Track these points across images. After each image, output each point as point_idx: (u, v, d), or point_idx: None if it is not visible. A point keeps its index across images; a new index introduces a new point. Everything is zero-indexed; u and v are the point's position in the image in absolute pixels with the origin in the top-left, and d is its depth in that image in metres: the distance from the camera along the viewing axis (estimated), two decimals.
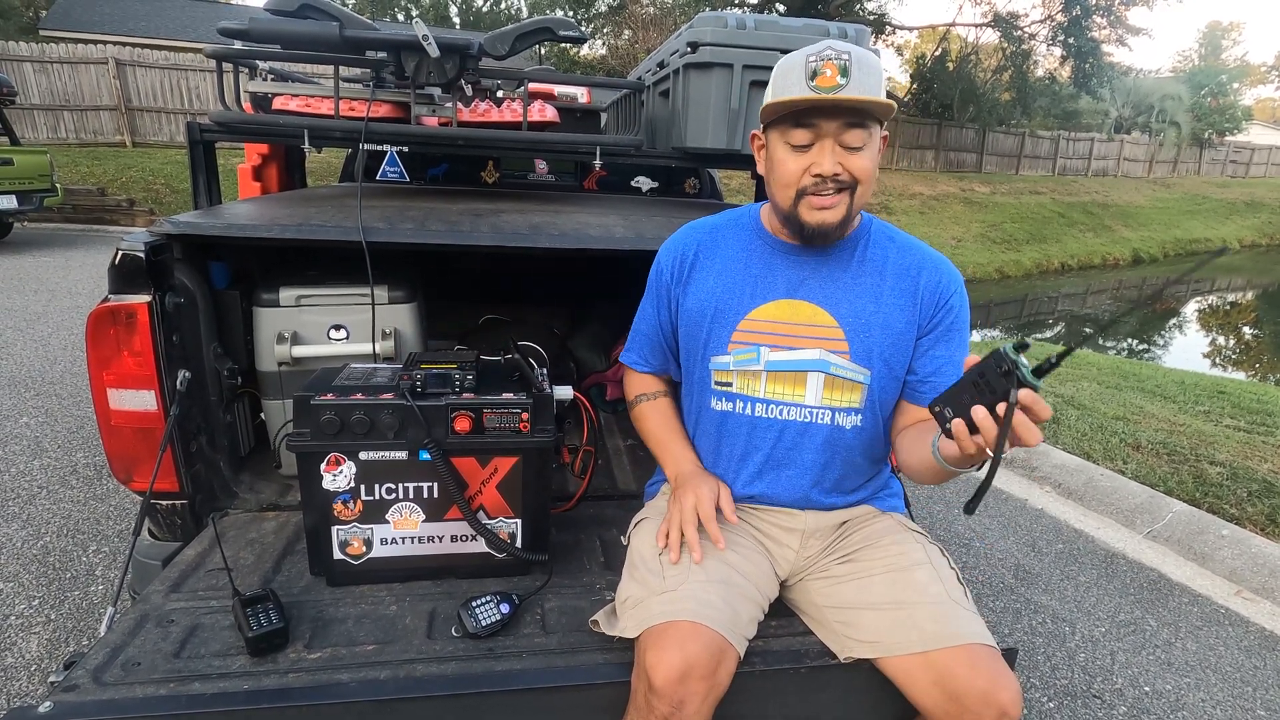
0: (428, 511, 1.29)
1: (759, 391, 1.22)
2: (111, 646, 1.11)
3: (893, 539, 1.20)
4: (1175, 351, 10.60)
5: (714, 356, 1.24)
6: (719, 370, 1.24)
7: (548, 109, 1.97)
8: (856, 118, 1.07)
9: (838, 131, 1.08)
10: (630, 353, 1.41)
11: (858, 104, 1.04)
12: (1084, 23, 17.95)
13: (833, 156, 1.08)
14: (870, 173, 1.11)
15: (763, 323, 1.21)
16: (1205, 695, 1.96)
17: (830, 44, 1.07)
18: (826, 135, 1.08)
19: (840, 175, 1.09)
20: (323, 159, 10.63)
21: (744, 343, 1.21)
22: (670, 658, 0.97)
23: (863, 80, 1.04)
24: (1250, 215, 23.82)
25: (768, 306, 1.21)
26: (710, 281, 1.25)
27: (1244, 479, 3.02)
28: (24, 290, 6.15)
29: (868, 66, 1.05)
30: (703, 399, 1.29)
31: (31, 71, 11.85)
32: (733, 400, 1.24)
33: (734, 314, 1.22)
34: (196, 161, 1.79)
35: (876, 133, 1.11)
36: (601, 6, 19.48)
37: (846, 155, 1.09)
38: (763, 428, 1.23)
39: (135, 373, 1.39)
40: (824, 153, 1.08)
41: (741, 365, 1.22)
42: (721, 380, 1.25)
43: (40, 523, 2.49)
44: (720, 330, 1.23)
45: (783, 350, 1.19)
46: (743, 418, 1.24)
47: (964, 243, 15.72)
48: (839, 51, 1.05)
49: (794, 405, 1.21)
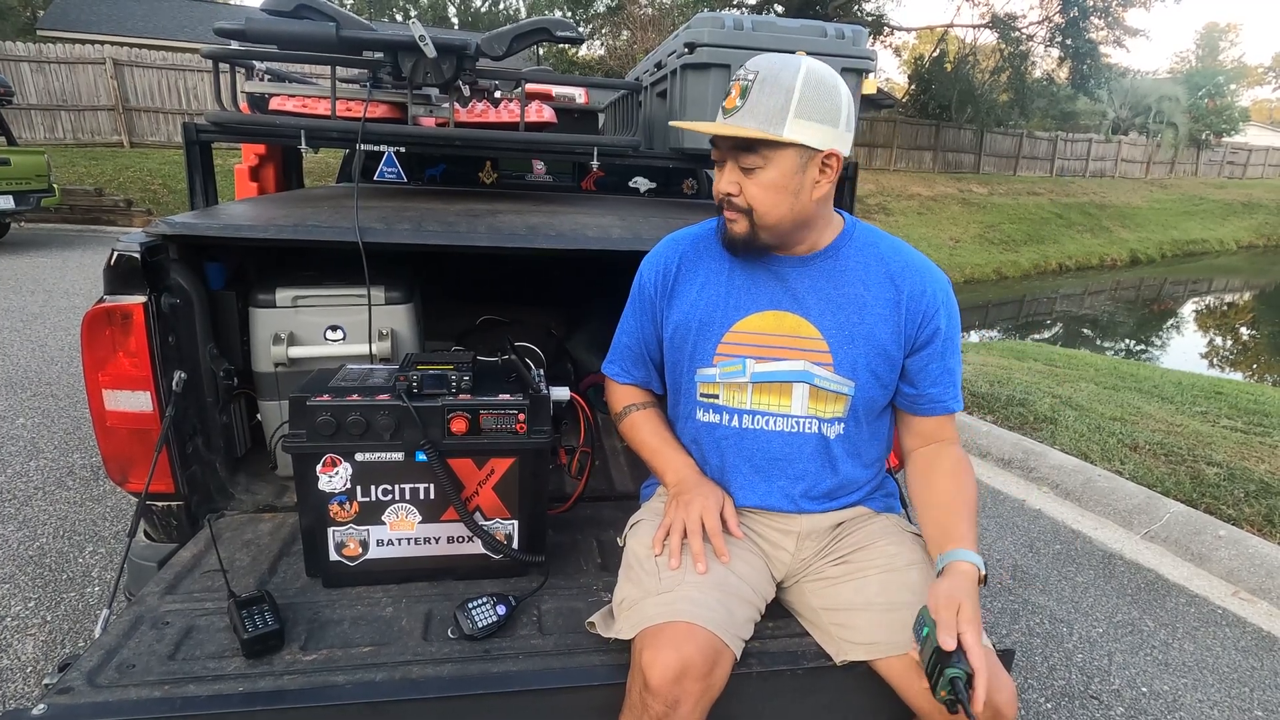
0: (424, 513, 1.29)
1: (746, 403, 1.21)
2: (106, 648, 1.11)
3: (888, 540, 1.20)
4: (1173, 352, 10.62)
5: (700, 369, 1.24)
6: (705, 383, 1.24)
7: (545, 109, 1.97)
8: (743, 142, 1.07)
9: (734, 153, 1.10)
10: (612, 364, 1.40)
11: (727, 136, 1.07)
12: (1081, 24, 17.99)
13: (731, 176, 1.12)
14: (763, 198, 1.10)
15: (747, 335, 1.20)
16: (1202, 696, 1.96)
17: (751, 62, 1.08)
18: (728, 155, 1.11)
19: (732, 195, 1.12)
20: (320, 159, 10.62)
21: (729, 355, 1.21)
22: (666, 658, 0.97)
23: (757, 105, 1.04)
24: (1247, 216, 23.87)
25: (752, 319, 1.20)
26: (693, 295, 1.25)
27: (1241, 479, 3.02)
28: (21, 291, 6.14)
29: (770, 88, 1.04)
30: (689, 411, 1.28)
31: (29, 71, 11.83)
32: (719, 412, 1.24)
33: (718, 327, 1.21)
34: (193, 162, 1.79)
35: (781, 156, 1.07)
36: (599, 7, 19.49)
37: (744, 178, 1.10)
38: (750, 438, 1.22)
39: (131, 374, 1.38)
40: (724, 171, 1.12)
41: (728, 378, 1.21)
42: (707, 393, 1.24)
43: (36, 524, 2.49)
44: (705, 343, 1.22)
45: (768, 361, 1.19)
46: (729, 429, 1.23)
47: (962, 243, 15.74)
48: (748, 71, 1.07)
49: (781, 416, 1.20)
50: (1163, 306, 14.27)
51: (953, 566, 1.05)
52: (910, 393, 1.22)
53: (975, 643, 0.93)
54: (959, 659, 0.92)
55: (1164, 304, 14.52)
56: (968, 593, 0.99)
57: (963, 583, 1.01)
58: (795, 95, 1.04)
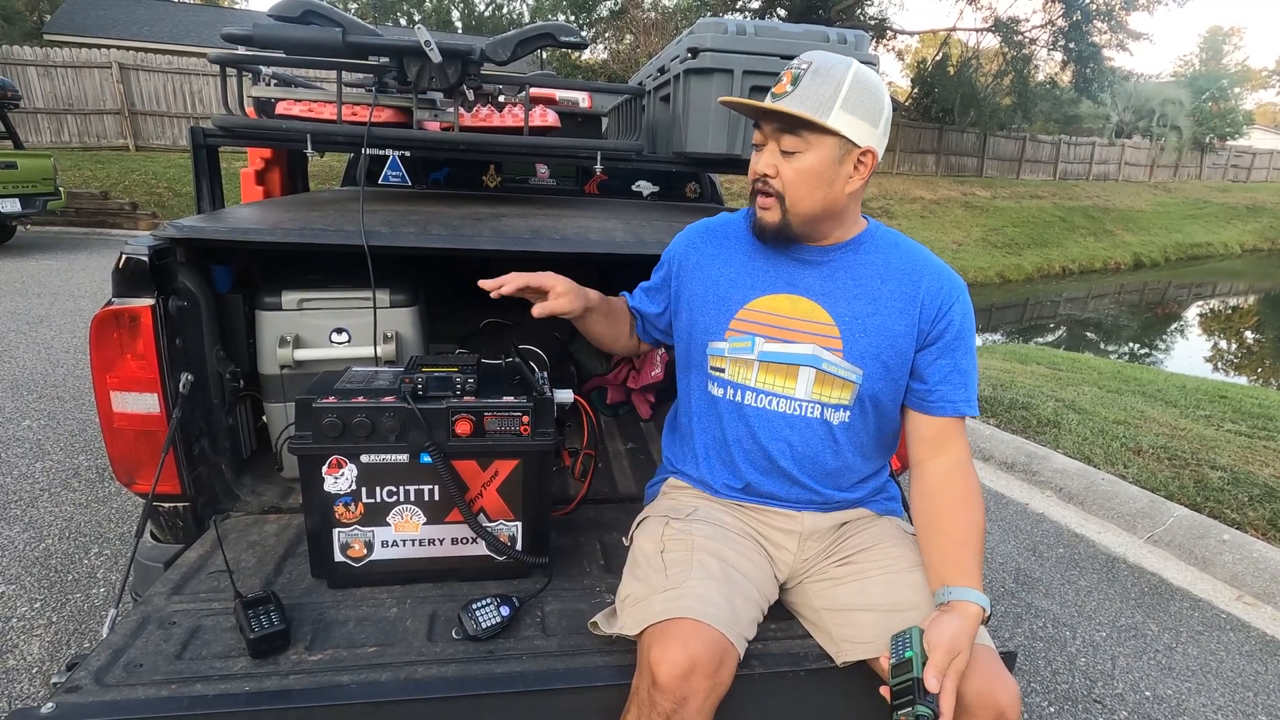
0: (429, 514, 1.30)
1: (750, 380, 1.24)
2: (114, 648, 1.11)
3: (891, 542, 1.21)
4: (1176, 356, 10.59)
5: (711, 342, 1.27)
6: (714, 355, 1.27)
7: (549, 114, 1.98)
8: (789, 125, 1.10)
9: (776, 135, 1.12)
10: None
11: (778, 114, 1.09)
12: (1084, 27, 17.96)
13: (770, 159, 1.14)
14: (797, 184, 1.12)
15: (761, 313, 1.23)
16: (1206, 700, 1.96)
17: (806, 54, 1.12)
18: (770, 138, 1.13)
19: (769, 176, 1.14)
20: (325, 163, 10.68)
21: (741, 331, 1.24)
22: (674, 654, 0.97)
23: (807, 91, 1.08)
24: (1251, 220, 23.82)
25: (767, 299, 1.23)
26: (715, 269, 1.29)
27: (1245, 483, 3.02)
28: (27, 293, 6.17)
29: (823, 79, 1.08)
30: (700, 383, 1.32)
31: (35, 75, 11.90)
32: (724, 386, 1.27)
33: (734, 302, 1.25)
34: (200, 165, 1.80)
35: (823, 144, 1.10)
36: (603, 12, 19.54)
37: (782, 162, 1.13)
38: (751, 415, 1.24)
39: (138, 375, 1.39)
40: (763, 154, 1.15)
41: (736, 353, 1.24)
42: (716, 365, 1.28)
43: (42, 525, 2.50)
44: (720, 316, 1.26)
45: (777, 342, 1.22)
46: (732, 404, 1.26)
47: (965, 247, 15.73)
48: (802, 61, 1.11)
49: (783, 397, 1.22)
50: (1166, 310, 14.24)
51: (961, 607, 1.03)
52: (920, 389, 1.22)
53: (952, 690, 0.94)
54: (933, 699, 0.93)
55: (1168, 308, 14.48)
56: (969, 641, 0.99)
57: (969, 627, 1.00)
58: (844, 88, 1.08)
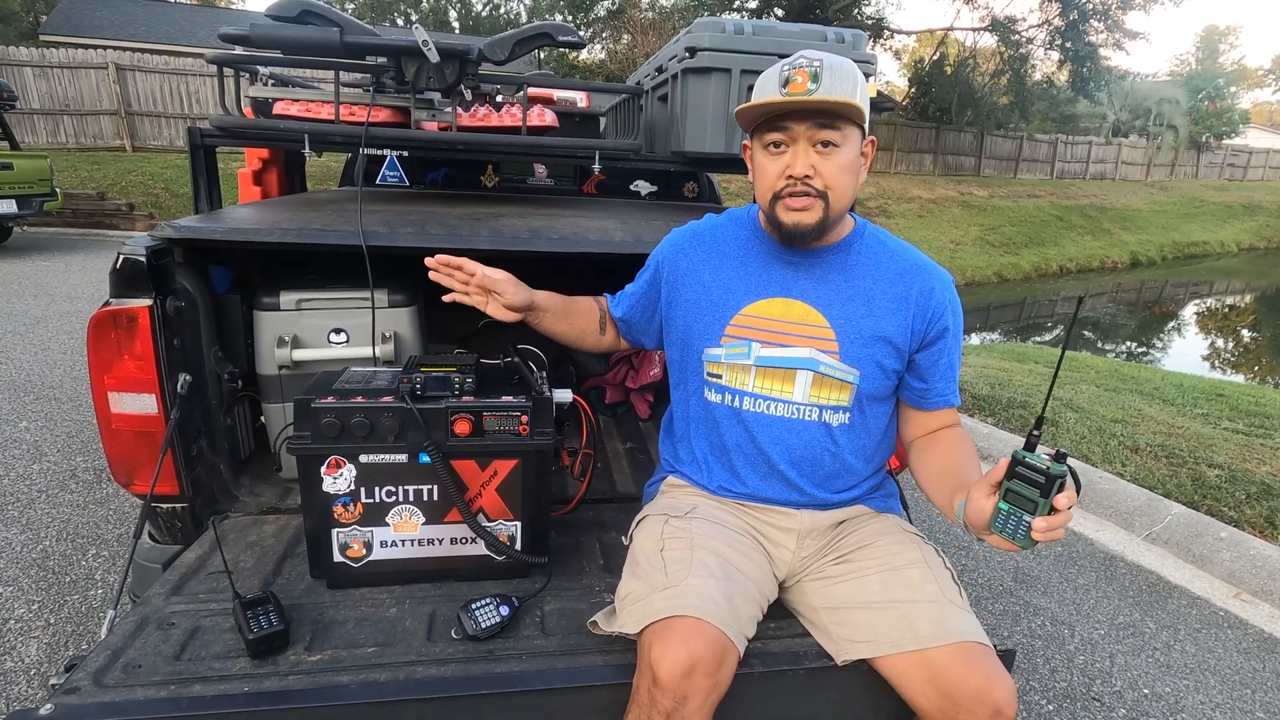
0: (427, 514, 1.30)
1: (748, 386, 1.24)
2: (112, 649, 1.11)
3: (889, 539, 1.21)
4: (1174, 354, 10.62)
5: (707, 348, 1.27)
6: (711, 362, 1.27)
7: (547, 114, 1.98)
8: (826, 118, 1.09)
9: (810, 132, 1.10)
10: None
11: (822, 105, 1.07)
12: (1081, 27, 17.99)
13: (806, 159, 1.11)
14: (842, 179, 1.13)
15: (756, 319, 1.23)
16: (1204, 698, 1.96)
17: (804, 53, 1.10)
18: (800, 137, 1.11)
19: (811, 179, 1.11)
20: (322, 163, 10.63)
21: (737, 337, 1.24)
22: (675, 652, 0.97)
23: (833, 83, 1.08)
24: (1248, 218, 23.87)
25: (761, 303, 1.23)
26: (707, 275, 1.29)
27: (1242, 481, 3.02)
28: (23, 295, 6.15)
29: (840, 71, 1.08)
30: (696, 389, 1.32)
31: (31, 76, 11.86)
32: (721, 392, 1.27)
33: (729, 308, 1.25)
34: (197, 166, 1.80)
35: (853, 135, 1.13)
36: (600, 11, 19.55)
37: (821, 159, 1.11)
38: (749, 421, 1.25)
39: (136, 376, 1.39)
40: (798, 155, 1.12)
41: (733, 359, 1.24)
42: (713, 372, 1.28)
43: (39, 527, 2.49)
44: (715, 323, 1.26)
45: (773, 347, 1.22)
46: (730, 410, 1.26)
47: (962, 246, 15.75)
48: (810, 59, 1.09)
49: (781, 401, 1.23)
50: (1163, 309, 14.26)
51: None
52: (920, 387, 1.25)
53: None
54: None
55: (1165, 306, 14.51)
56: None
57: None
58: (858, 79, 1.10)
